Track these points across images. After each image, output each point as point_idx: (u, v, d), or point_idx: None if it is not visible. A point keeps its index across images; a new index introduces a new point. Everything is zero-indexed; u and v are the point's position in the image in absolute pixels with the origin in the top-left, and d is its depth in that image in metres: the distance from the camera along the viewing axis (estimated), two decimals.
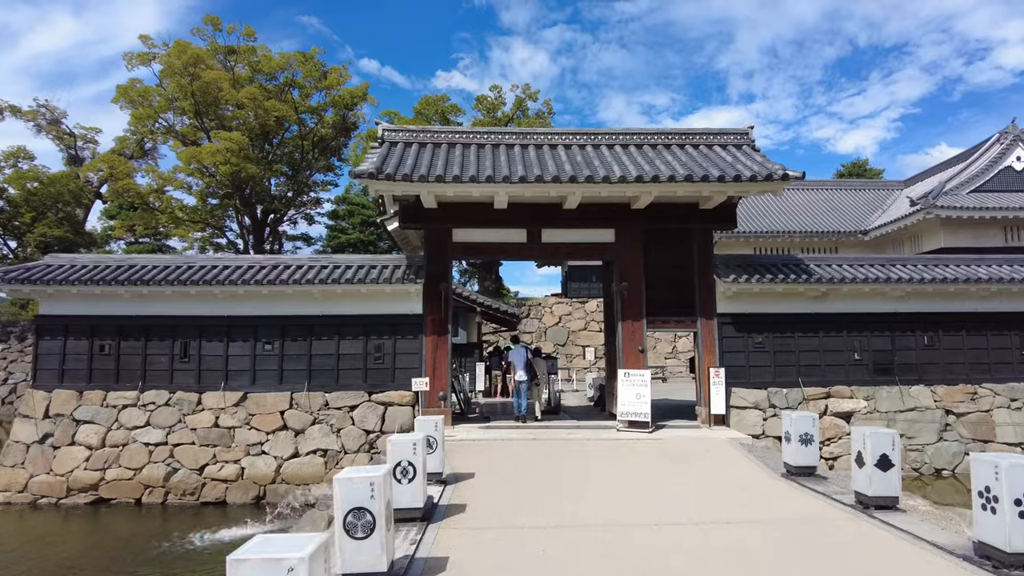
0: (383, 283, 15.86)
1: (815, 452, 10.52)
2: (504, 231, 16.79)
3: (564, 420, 17.76)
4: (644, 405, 15.49)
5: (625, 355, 16.46)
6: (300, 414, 16.23)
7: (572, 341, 34.92)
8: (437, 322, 16.33)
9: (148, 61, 37.99)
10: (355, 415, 16.22)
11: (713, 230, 17.39)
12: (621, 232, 16.90)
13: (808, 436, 10.44)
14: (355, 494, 5.88)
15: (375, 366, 16.39)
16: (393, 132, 16.87)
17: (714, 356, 16.68)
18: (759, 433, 16.43)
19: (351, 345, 16.44)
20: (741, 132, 17.58)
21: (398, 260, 17.16)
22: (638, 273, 16.75)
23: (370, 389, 16.32)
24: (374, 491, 5.89)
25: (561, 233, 16.89)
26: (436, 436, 10.09)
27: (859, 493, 8.57)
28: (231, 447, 16.13)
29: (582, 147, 16.84)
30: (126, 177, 35.15)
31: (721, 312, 16.86)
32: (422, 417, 10.36)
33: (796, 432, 10.46)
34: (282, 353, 16.45)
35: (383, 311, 16.43)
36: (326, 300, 16.40)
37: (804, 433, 10.43)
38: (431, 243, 16.70)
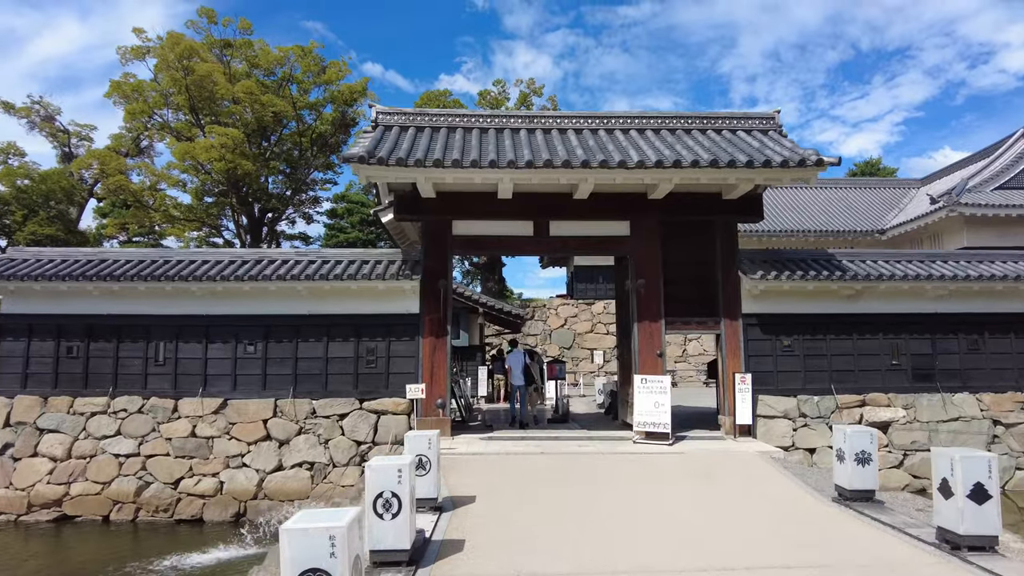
0: (375, 279, 14.25)
1: (874, 474, 8.88)
2: (508, 223, 15.18)
3: (573, 429, 16.12)
4: (663, 415, 13.85)
5: (641, 359, 14.82)
6: (285, 423, 14.62)
7: (578, 344, 33.28)
8: (435, 322, 14.71)
9: (142, 55, 36.51)
10: (345, 424, 14.60)
11: (737, 222, 15.74)
12: (637, 225, 15.28)
13: (866, 455, 8.80)
14: (309, 552, 4.25)
15: (367, 371, 14.76)
16: (388, 115, 15.28)
17: (739, 360, 15.04)
18: (788, 445, 14.77)
19: (341, 347, 14.83)
20: (767, 116, 15.96)
21: (392, 255, 15.54)
22: (656, 269, 15.12)
23: (361, 396, 14.70)
24: (335, 546, 4.27)
25: (571, 226, 15.27)
26: (429, 455, 8.47)
27: (945, 530, 6.92)
28: (209, 459, 14.51)
29: (594, 132, 15.22)
30: (117, 173, 33.61)
31: (747, 312, 15.21)
32: (413, 433, 8.74)
33: (852, 450, 8.82)
34: (265, 356, 14.84)
35: (376, 310, 14.81)
36: (313, 298, 14.80)
37: (861, 451, 8.79)
38: (429, 236, 15.09)
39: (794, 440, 14.90)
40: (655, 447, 13.40)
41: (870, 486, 8.84)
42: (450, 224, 15.07)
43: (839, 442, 9.05)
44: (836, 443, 9.12)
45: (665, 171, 13.40)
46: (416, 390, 13.30)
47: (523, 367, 17.42)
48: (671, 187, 14.23)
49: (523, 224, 15.20)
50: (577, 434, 15.15)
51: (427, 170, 13.12)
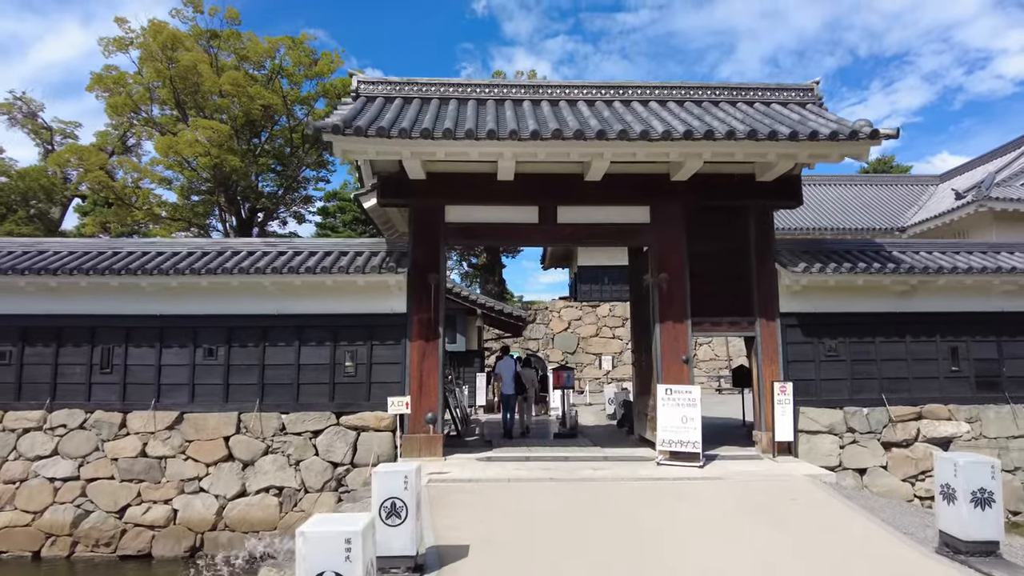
0: (354, 273, 11.97)
1: (998, 519, 6.58)
2: (510, 209, 12.92)
3: (583, 447, 13.83)
4: (692, 432, 11.58)
5: (665, 366, 12.55)
6: (249, 440, 12.32)
7: (583, 348, 30.98)
8: (425, 323, 12.44)
9: (125, 47, 34.16)
10: (319, 443, 12.30)
11: (773, 208, 13.48)
12: (658, 210, 13.03)
13: (987, 495, 6.52)
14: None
15: (345, 380, 12.48)
16: (371, 85, 13.02)
17: (777, 367, 12.77)
18: (835, 465, 12.49)
19: (315, 353, 12.54)
20: (805, 87, 13.72)
21: (375, 245, 13.27)
22: (680, 262, 12.86)
23: (339, 409, 12.41)
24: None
25: (581, 211, 13.01)
26: (405, 498, 6.19)
27: None
28: (161, 483, 12.21)
29: (609, 103, 12.97)
30: (97, 169, 31.34)
31: (785, 311, 12.95)
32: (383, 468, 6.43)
33: (966, 486, 6.54)
34: (228, 363, 12.55)
35: (355, 309, 12.54)
36: (283, 295, 12.52)
37: (980, 489, 6.52)
38: (417, 223, 12.82)
39: (841, 459, 12.62)
40: (685, 470, 11.12)
41: (992, 536, 6.56)
42: (442, 210, 12.81)
43: (946, 475, 6.77)
44: (941, 477, 6.84)
45: (695, 144, 11.16)
46: (399, 404, 10.99)
47: (513, 375, 16.00)
48: (699, 165, 11.99)
49: (526, 210, 12.95)
50: (589, 453, 12.86)
51: (414, 142, 10.87)
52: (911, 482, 12.62)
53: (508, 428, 16.14)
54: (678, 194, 12.95)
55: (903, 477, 12.60)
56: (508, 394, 16.14)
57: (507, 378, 16.23)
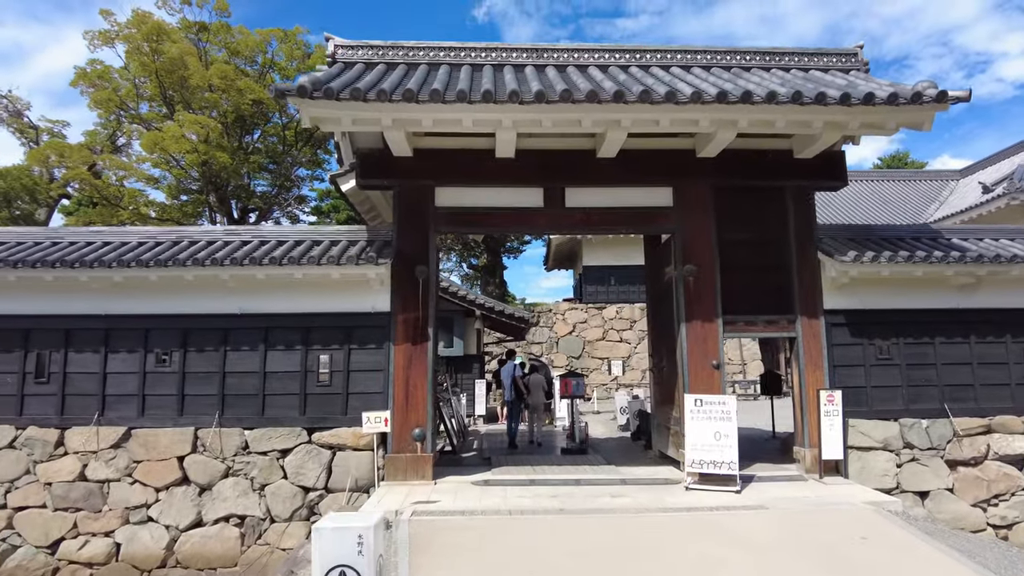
0: (327, 264, 10.03)
1: None
2: (510, 191, 11.01)
3: (596, 465, 11.88)
4: (727, 450, 9.63)
5: (692, 373, 10.60)
6: (207, 461, 10.38)
7: (588, 353, 29.01)
8: (412, 324, 10.51)
9: (111, 40, 32.39)
10: (288, 464, 10.36)
11: (813, 189, 11.53)
12: (682, 192, 11.10)
13: None
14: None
15: (319, 390, 10.54)
16: (350, 50, 11.10)
17: (821, 372, 10.81)
18: (892, 487, 10.53)
19: (283, 359, 10.61)
20: (847, 52, 11.80)
21: (354, 233, 11.33)
22: (709, 251, 10.93)
23: (311, 424, 10.47)
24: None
25: (593, 194, 11.09)
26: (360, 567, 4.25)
27: None
28: (102, 511, 10.28)
29: (625, 68, 11.04)
30: (79, 166, 29.50)
31: (830, 308, 11.00)
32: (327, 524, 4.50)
33: None
34: (183, 370, 10.61)
35: (330, 307, 10.61)
36: (246, 291, 10.59)
37: None
38: (403, 208, 10.90)
39: (899, 480, 10.66)
40: (720, 497, 9.16)
41: None
42: (431, 192, 10.90)
43: None
44: None
45: (730, 109, 9.26)
46: (377, 420, 8.98)
47: (511, 381, 14.80)
48: (731, 137, 10.10)
49: (530, 192, 11.03)
50: (604, 474, 10.89)
51: (395, 107, 8.97)
52: (982, 507, 10.64)
53: (512, 438, 14.49)
54: (705, 173, 11.05)
55: (973, 502, 10.62)
56: (508, 400, 14.96)
57: (508, 383, 14.81)
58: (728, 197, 11.14)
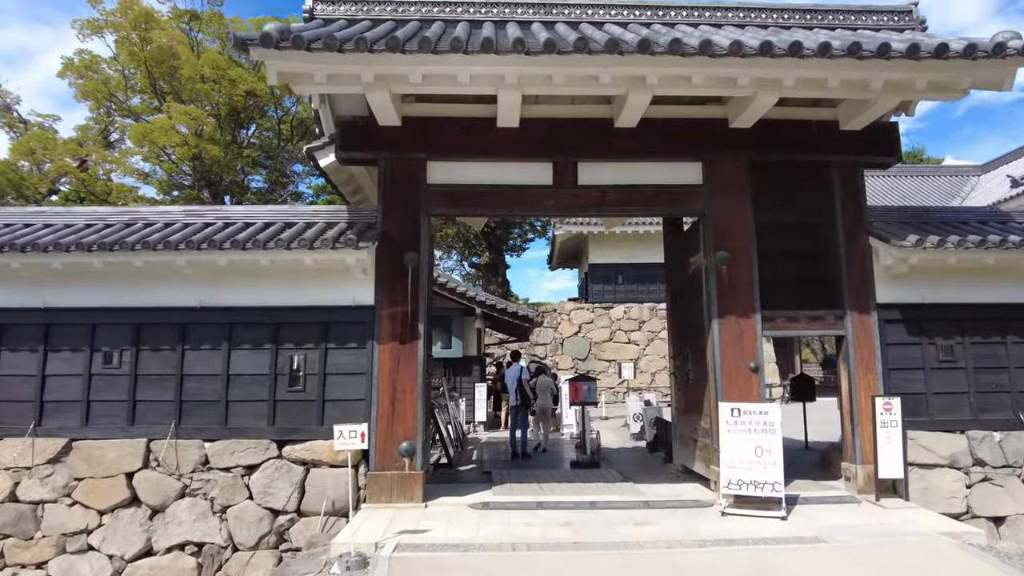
0: (299, 248, 8.43)
1: None
2: (514, 166, 9.43)
3: (612, 482, 10.29)
4: (771, 469, 8.04)
5: (726, 377, 9.00)
6: (160, 478, 8.80)
7: (595, 355, 27.40)
8: (400, 320, 8.93)
9: (99, 29, 30.93)
10: (254, 482, 8.77)
11: (863, 166, 9.91)
12: (714, 168, 9.51)
13: None
14: None
15: (291, 396, 8.95)
16: (331, 5, 9.51)
17: (874, 375, 9.21)
18: (961, 512, 8.93)
19: (250, 360, 9.02)
20: (900, 10, 10.17)
21: (333, 214, 9.75)
22: (745, 235, 9.33)
23: (281, 436, 8.88)
24: None
25: (610, 169, 9.50)
26: None
27: None
28: (34, 539, 8.70)
29: (647, 25, 9.45)
30: (63, 159, 28.02)
31: (884, 302, 9.40)
32: None
33: None
34: (134, 372, 9.03)
35: (304, 300, 9.03)
36: (206, 281, 9.02)
37: None
38: (390, 185, 9.31)
39: (969, 504, 9.04)
40: (764, 525, 7.56)
41: None
42: (423, 167, 9.32)
43: None
44: None
45: (775, 64, 7.71)
46: (352, 435, 7.33)
47: (516, 385, 13.45)
48: (772, 101, 8.55)
49: (537, 168, 9.45)
50: (622, 495, 9.29)
51: (377, 58, 7.42)
52: None
53: (515, 449, 12.97)
54: (740, 146, 9.48)
55: None
56: (514, 405, 13.51)
57: (513, 387, 13.54)
58: (765, 174, 9.56)
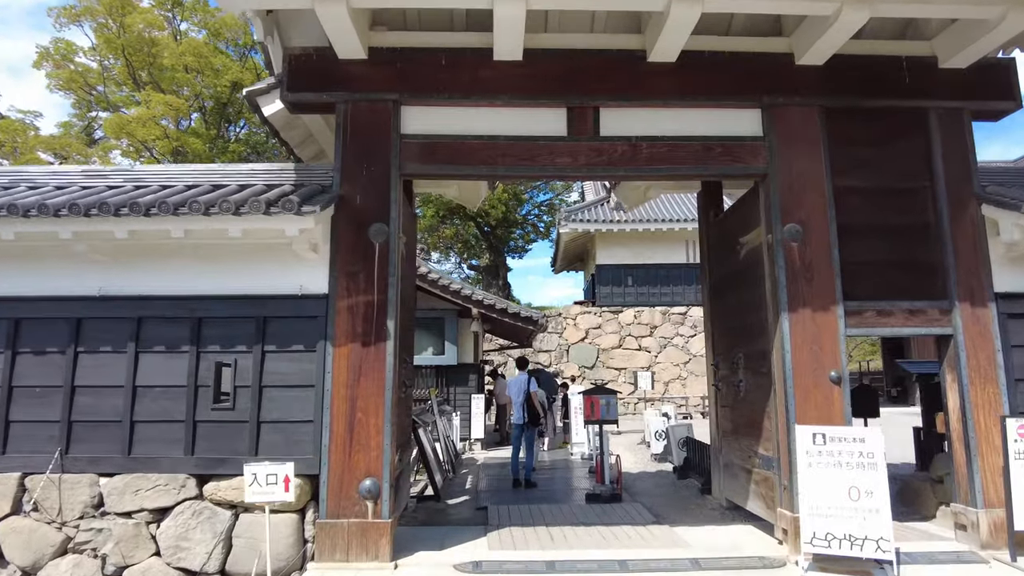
0: (222, 214, 6.04)
1: None
2: (517, 112, 7.10)
3: (641, 524, 7.89)
4: (874, 519, 5.68)
5: (800, 390, 6.61)
6: (35, 528, 6.40)
7: (603, 362, 24.99)
8: (363, 315, 6.56)
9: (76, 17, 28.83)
10: (164, 532, 6.37)
11: (970, 115, 7.54)
12: (777, 116, 7.15)
13: None
14: None
15: (216, 416, 6.56)
16: None
17: (996, 388, 6.82)
18: None
19: (163, 366, 6.64)
20: None
21: (276, 174, 7.37)
22: (821, 203, 6.97)
23: (202, 470, 6.48)
24: None
25: (643, 116, 7.15)
26: None
27: None
28: None
29: None
30: (30, 152, 25.82)
31: (1005, 292, 7.03)
32: None
33: None
34: (7, 383, 6.67)
35: (234, 287, 6.66)
36: (107, 263, 6.68)
37: None
38: (352, 135, 6.94)
39: None
40: None
41: None
42: (395, 112, 6.98)
43: None
44: None
45: None
46: (271, 479, 4.82)
47: (524, 398, 10.92)
48: (860, 20, 6.24)
49: (547, 114, 7.11)
50: (659, 547, 6.87)
51: None
52: None
53: (516, 476, 10.81)
54: (810, 89, 7.15)
55: None
56: (517, 423, 11.01)
57: (518, 401, 11.00)
58: (843, 125, 7.22)
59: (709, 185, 9.35)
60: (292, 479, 4.95)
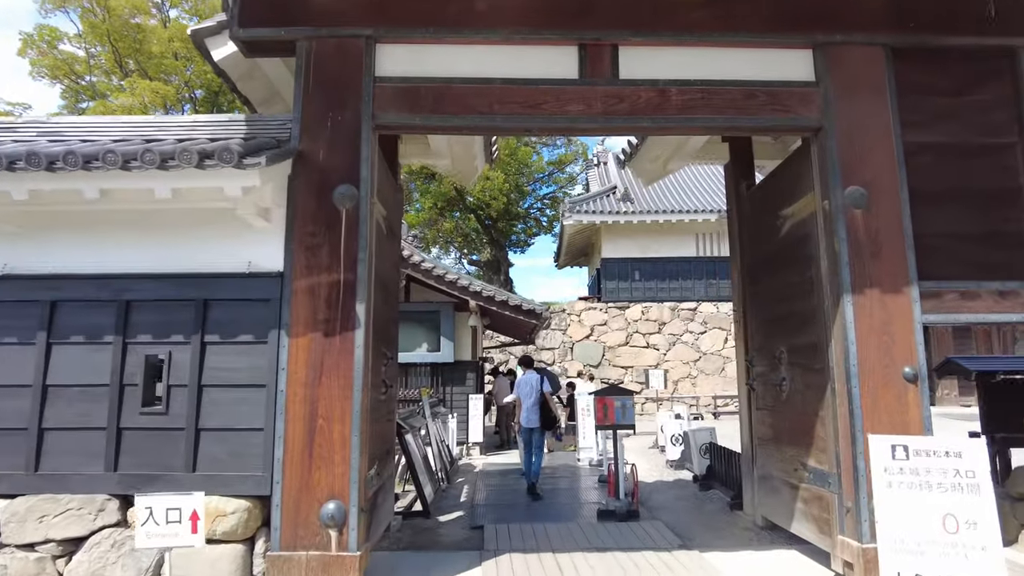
0: (145, 167, 4.76)
1: None
2: (517, 50, 5.79)
3: (664, 548, 6.57)
4: (978, 556, 4.31)
5: (867, 391, 5.30)
6: None
7: (609, 360, 23.67)
8: (326, 298, 5.26)
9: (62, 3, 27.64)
10: (74, 569, 5.08)
11: None
12: (834, 57, 5.83)
13: None
14: None
15: (146, 422, 5.28)
16: None
17: None
18: None
19: (81, 361, 5.35)
20: None
21: (223, 126, 6.08)
22: (888, 163, 5.65)
23: (127, 488, 5.19)
24: None
25: (672, 56, 5.83)
26: None
27: None
28: None
29: None
30: None
31: None
32: None
33: None
34: None
35: (169, 265, 5.38)
36: (11, 233, 5.40)
37: None
38: (315, 79, 5.64)
39: None
40: None
41: None
42: (368, 51, 5.66)
43: None
44: None
45: None
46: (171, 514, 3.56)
47: (537, 398, 9.85)
48: None
49: (554, 53, 5.80)
50: None
51: None
52: None
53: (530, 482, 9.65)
54: (873, 24, 5.84)
55: None
56: (529, 427, 9.88)
57: (528, 402, 9.86)
58: (914, 69, 5.90)
59: (740, 152, 8.04)
60: (202, 515, 3.65)
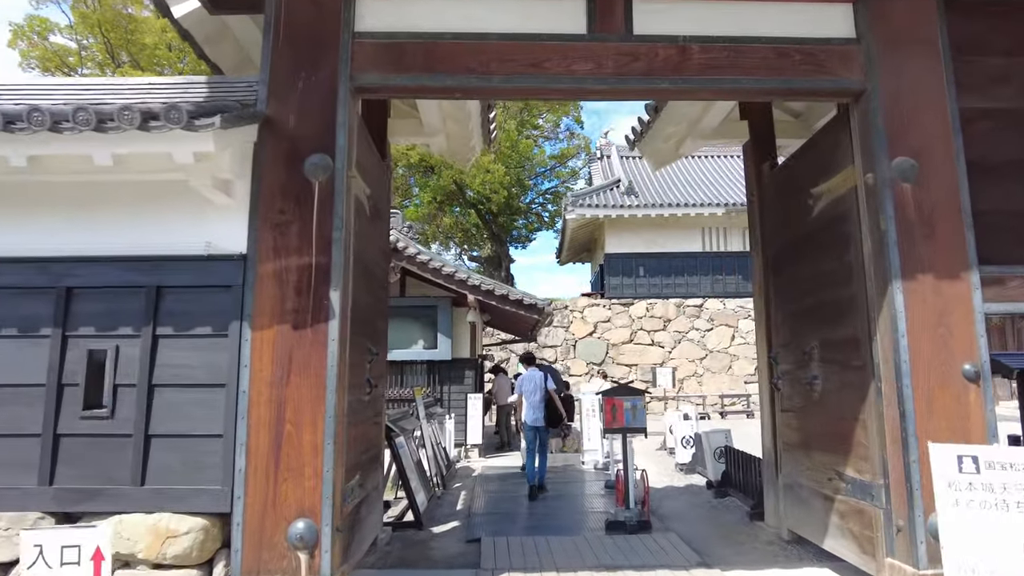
0: (82, 128, 4.06)
1: None
2: (516, 3, 5.06)
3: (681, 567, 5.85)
4: None
5: (920, 391, 4.57)
6: None
7: (613, 358, 22.94)
8: (295, 284, 4.54)
9: None
10: None
11: None
12: (877, 9, 5.10)
13: None
14: None
15: (87, 428, 4.57)
16: None
17: None
18: None
19: (13, 356, 4.64)
20: None
21: (178, 86, 5.36)
22: (943, 130, 4.92)
23: (65, 505, 4.49)
24: None
25: (692, 9, 5.09)
26: None
27: None
28: None
29: None
30: None
31: None
32: None
33: None
34: None
35: (116, 246, 4.65)
36: None
37: None
38: (285, 34, 4.92)
39: None
40: None
41: None
42: (348, 1, 4.95)
43: None
44: None
45: None
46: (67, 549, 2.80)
47: (542, 395, 9.41)
48: None
49: (557, 5, 5.07)
50: None
51: None
52: None
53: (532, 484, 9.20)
54: None
55: None
56: (533, 426, 9.37)
57: (532, 399, 9.39)
58: (970, 24, 5.17)
59: (760, 130, 7.31)
60: (108, 554, 2.93)
